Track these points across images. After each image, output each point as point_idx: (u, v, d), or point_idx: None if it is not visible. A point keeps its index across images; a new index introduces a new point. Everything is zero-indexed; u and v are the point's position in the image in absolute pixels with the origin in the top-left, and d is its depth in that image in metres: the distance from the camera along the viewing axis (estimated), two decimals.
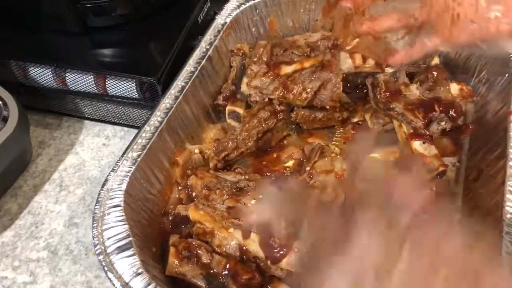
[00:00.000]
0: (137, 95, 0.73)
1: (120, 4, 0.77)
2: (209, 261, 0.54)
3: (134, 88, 0.72)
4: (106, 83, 0.73)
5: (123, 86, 0.72)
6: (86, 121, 0.81)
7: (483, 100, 0.68)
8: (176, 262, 0.54)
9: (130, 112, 0.76)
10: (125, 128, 0.79)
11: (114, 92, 0.73)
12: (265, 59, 0.72)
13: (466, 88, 0.70)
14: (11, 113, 0.68)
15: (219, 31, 0.75)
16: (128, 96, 0.73)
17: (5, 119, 0.67)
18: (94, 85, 0.74)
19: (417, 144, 0.64)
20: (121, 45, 0.78)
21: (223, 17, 0.77)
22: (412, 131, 0.65)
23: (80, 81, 0.74)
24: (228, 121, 0.74)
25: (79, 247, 0.64)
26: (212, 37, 0.74)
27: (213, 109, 0.74)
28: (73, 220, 0.67)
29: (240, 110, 0.72)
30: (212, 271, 0.53)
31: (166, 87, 0.67)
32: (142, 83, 0.72)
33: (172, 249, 0.55)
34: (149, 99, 0.73)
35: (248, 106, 0.74)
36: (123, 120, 0.78)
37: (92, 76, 0.73)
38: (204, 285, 0.53)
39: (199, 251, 0.54)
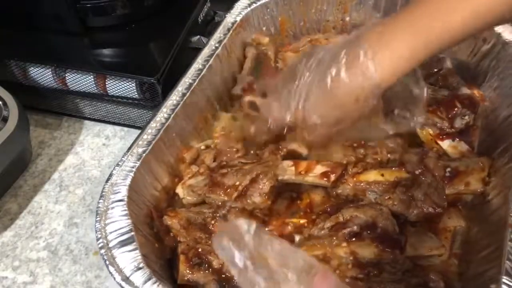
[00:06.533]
0: (137, 95, 0.73)
1: (120, 4, 0.77)
2: (220, 266, 0.53)
3: (134, 88, 0.72)
4: (106, 83, 0.73)
5: (123, 86, 0.72)
6: (86, 121, 0.81)
7: (493, 106, 0.68)
8: (187, 270, 0.53)
9: (130, 112, 0.76)
10: (125, 128, 0.79)
11: (114, 92, 0.73)
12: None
13: (478, 92, 0.69)
14: (11, 113, 0.68)
15: (228, 30, 0.75)
16: (128, 96, 0.73)
17: (5, 119, 0.67)
18: (94, 85, 0.74)
19: (447, 144, 0.64)
20: (121, 45, 0.78)
21: (233, 15, 0.77)
22: (438, 131, 0.65)
23: (80, 81, 0.74)
24: (246, 111, 0.72)
25: (79, 247, 0.64)
26: (221, 35, 0.73)
27: (220, 107, 0.73)
28: (73, 220, 0.67)
29: (258, 101, 0.70)
30: (224, 275, 0.53)
31: (166, 87, 0.67)
32: (142, 83, 0.72)
33: (182, 257, 0.54)
34: (149, 99, 0.73)
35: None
36: (123, 120, 0.78)
37: (92, 76, 0.73)
38: None
39: (209, 257, 0.53)
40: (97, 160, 0.75)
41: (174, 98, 0.64)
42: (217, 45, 0.72)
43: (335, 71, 0.49)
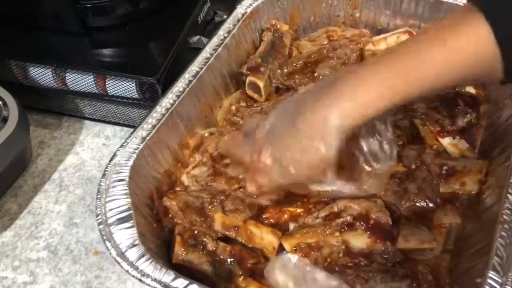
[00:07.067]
0: (137, 95, 0.73)
1: (120, 4, 0.77)
2: (214, 248, 0.54)
3: (134, 88, 0.72)
4: (106, 83, 0.73)
5: (123, 86, 0.72)
6: (86, 121, 0.81)
7: (498, 106, 0.68)
8: (182, 250, 0.54)
9: (130, 112, 0.76)
10: (125, 128, 0.79)
11: (114, 92, 0.73)
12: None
13: (483, 92, 0.69)
14: (11, 113, 0.68)
15: (238, 20, 0.75)
16: (128, 96, 0.73)
17: (5, 119, 0.67)
18: (94, 85, 0.74)
19: (447, 141, 0.64)
20: (121, 45, 0.78)
21: (244, 7, 0.77)
22: (439, 128, 0.65)
23: (80, 81, 0.74)
24: (247, 91, 0.74)
25: (79, 247, 0.64)
26: (231, 25, 0.74)
27: (225, 95, 0.74)
28: (73, 220, 0.67)
29: (260, 83, 0.72)
30: (218, 258, 0.54)
31: (166, 87, 0.67)
32: (142, 83, 0.72)
33: (178, 238, 0.55)
34: (149, 99, 0.73)
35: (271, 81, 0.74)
36: (123, 120, 0.79)
37: (92, 76, 0.73)
38: (210, 270, 0.53)
39: (204, 239, 0.55)
40: (97, 160, 0.75)
41: (180, 84, 0.64)
42: (226, 34, 0.72)
43: (303, 107, 0.47)
